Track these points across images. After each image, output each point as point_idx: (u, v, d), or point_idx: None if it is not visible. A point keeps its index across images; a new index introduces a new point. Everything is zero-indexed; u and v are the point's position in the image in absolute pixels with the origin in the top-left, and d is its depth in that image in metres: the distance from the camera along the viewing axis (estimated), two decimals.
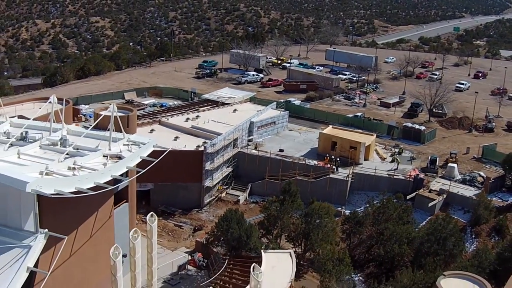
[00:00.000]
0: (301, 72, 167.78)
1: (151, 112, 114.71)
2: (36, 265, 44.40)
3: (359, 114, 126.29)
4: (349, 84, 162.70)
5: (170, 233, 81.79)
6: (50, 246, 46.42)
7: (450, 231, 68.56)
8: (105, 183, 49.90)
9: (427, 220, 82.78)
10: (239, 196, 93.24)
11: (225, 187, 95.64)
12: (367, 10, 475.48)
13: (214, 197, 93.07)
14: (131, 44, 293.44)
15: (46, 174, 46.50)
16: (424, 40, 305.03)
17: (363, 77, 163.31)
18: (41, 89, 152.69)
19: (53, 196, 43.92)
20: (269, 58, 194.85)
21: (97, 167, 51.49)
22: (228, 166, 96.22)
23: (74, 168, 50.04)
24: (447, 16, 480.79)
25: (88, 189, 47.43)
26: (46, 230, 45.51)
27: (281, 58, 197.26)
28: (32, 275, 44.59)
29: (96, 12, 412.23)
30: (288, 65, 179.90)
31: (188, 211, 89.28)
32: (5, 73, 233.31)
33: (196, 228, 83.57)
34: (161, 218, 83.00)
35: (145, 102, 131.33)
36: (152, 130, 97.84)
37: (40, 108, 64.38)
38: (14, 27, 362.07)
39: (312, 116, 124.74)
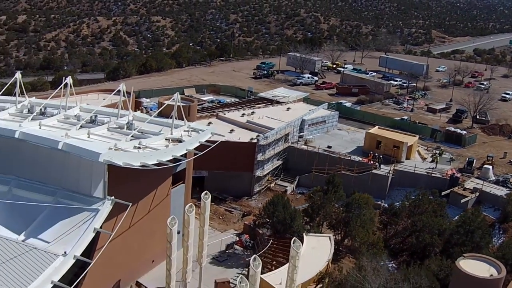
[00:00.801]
0: (354, 76, 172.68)
1: (209, 107, 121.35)
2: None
3: (405, 117, 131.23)
4: (399, 90, 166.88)
5: (220, 217, 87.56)
6: (115, 212, 52.42)
7: (478, 224, 72.90)
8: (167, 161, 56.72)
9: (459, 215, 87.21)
10: (287, 187, 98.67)
11: (275, 178, 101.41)
12: (425, 20, 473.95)
13: (263, 186, 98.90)
14: (191, 44, 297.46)
15: (115, 150, 53.34)
16: (478, 52, 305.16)
17: (413, 84, 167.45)
18: (103, 82, 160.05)
19: (122, 166, 50.68)
20: (325, 62, 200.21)
21: (159, 148, 58.33)
22: (278, 159, 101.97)
23: (139, 147, 56.72)
24: (505, 29, 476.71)
25: (152, 164, 54.21)
26: (113, 197, 52.19)
27: (336, 62, 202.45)
28: (97, 236, 50.85)
29: (157, 11, 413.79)
30: (342, 69, 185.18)
31: (239, 198, 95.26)
32: (65, 67, 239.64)
33: (245, 213, 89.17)
34: (213, 203, 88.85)
35: (204, 98, 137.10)
36: (209, 123, 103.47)
37: (104, 99, 71.41)
38: (75, 23, 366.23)
39: (361, 118, 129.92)
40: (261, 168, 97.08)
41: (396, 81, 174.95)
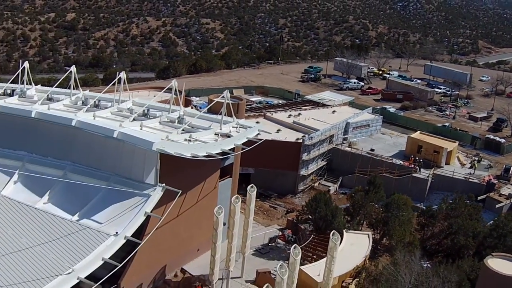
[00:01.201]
0: (399, 83, 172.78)
1: (257, 107, 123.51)
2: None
3: (447, 124, 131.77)
4: (443, 97, 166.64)
5: (265, 212, 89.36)
6: (164, 199, 54.60)
7: (510, 228, 73.70)
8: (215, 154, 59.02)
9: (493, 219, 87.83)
10: (330, 187, 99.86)
11: (319, 178, 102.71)
12: (473, 30, 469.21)
13: (307, 185, 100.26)
14: (240, 47, 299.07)
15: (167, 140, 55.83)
16: None
17: (456, 92, 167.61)
18: (154, 81, 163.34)
19: (173, 155, 53.09)
20: (371, 68, 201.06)
21: (209, 142, 60.60)
22: (323, 160, 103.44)
23: (189, 140, 59.15)
24: None
25: (201, 156, 56.54)
26: (164, 184, 54.56)
27: (382, 69, 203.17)
28: (147, 220, 53.44)
29: (206, 14, 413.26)
30: (388, 76, 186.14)
31: (283, 195, 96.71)
32: (114, 66, 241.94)
33: (289, 210, 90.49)
34: (258, 199, 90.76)
35: (252, 99, 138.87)
36: (257, 122, 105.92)
37: (155, 96, 73.94)
38: (125, 23, 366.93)
39: (405, 123, 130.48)
40: (305, 168, 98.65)
41: (440, 88, 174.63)
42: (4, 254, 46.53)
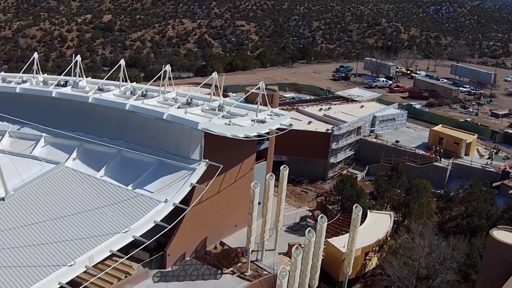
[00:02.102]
0: (426, 82, 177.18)
1: (290, 102, 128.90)
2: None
3: (468, 119, 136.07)
4: (467, 96, 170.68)
5: (296, 196, 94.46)
6: (207, 175, 59.95)
7: None
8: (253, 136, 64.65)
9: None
10: (357, 174, 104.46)
11: (347, 166, 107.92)
12: (505, 34, 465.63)
13: (336, 172, 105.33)
14: (275, 49, 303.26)
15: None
16: None
17: (480, 91, 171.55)
18: (192, 78, 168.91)
19: (216, 135, 58.90)
20: (399, 68, 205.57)
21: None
22: (351, 150, 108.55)
23: (229, 124, 64.82)
24: None
25: (241, 136, 62.22)
26: (207, 160, 60.38)
27: (410, 69, 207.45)
28: (192, 191, 58.93)
29: (241, 16, 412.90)
30: (415, 75, 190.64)
31: (314, 181, 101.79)
32: (151, 66, 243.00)
33: (319, 194, 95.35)
34: (290, 184, 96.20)
35: (286, 95, 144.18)
36: (291, 125, 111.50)
37: (194, 91, 79.52)
38: (161, 24, 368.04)
39: (429, 119, 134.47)
40: (334, 156, 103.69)
41: (465, 87, 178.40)
42: (69, 214, 52.70)
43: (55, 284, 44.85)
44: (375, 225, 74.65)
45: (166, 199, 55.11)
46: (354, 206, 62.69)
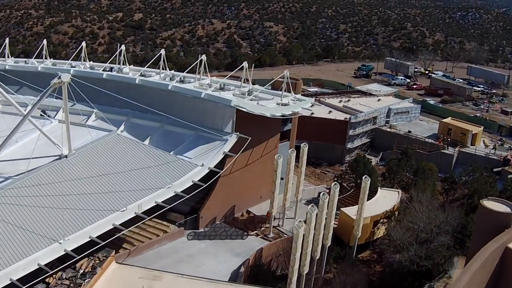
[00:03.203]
0: (441, 81, 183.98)
1: (313, 94, 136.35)
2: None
3: (478, 114, 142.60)
4: (480, 94, 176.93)
5: (316, 176, 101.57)
6: (237, 145, 67.47)
7: None
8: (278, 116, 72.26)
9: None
10: (372, 159, 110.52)
11: (363, 152, 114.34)
12: None
13: (353, 157, 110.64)
14: (302, 50, 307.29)
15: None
16: None
17: (493, 90, 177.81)
18: (223, 71, 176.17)
19: (246, 111, 66.58)
20: (418, 68, 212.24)
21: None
22: (366, 137, 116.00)
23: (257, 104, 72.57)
24: None
25: (268, 114, 69.82)
26: (238, 133, 68.11)
27: (428, 69, 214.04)
28: (224, 158, 66.33)
29: (270, 18, 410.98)
30: (432, 75, 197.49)
31: (332, 165, 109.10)
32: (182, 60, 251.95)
33: (336, 175, 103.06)
34: (311, 166, 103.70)
35: (310, 90, 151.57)
36: (312, 105, 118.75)
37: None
38: (191, 24, 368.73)
39: (442, 114, 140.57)
40: (351, 142, 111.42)
41: (479, 87, 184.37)
42: (121, 171, 60.71)
43: (109, 225, 52.76)
44: (384, 199, 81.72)
45: (203, 164, 62.84)
46: (364, 176, 70.10)
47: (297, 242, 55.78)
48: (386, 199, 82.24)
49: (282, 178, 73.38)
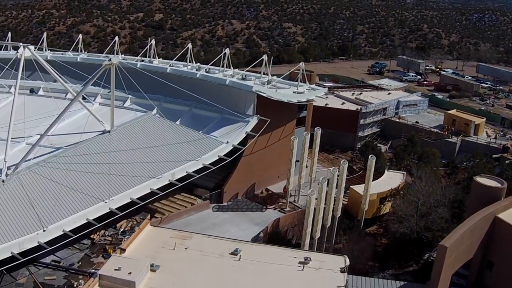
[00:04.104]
0: (450, 77, 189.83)
1: (328, 87, 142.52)
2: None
3: (482, 108, 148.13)
4: (487, 91, 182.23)
5: (329, 161, 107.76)
6: (258, 127, 74.06)
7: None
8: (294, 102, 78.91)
9: None
10: (381, 147, 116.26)
11: (373, 140, 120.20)
12: None
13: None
14: (319, 51, 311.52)
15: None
16: None
17: (500, 87, 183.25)
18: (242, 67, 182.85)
19: (266, 96, 73.29)
20: (429, 66, 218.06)
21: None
22: (377, 127, 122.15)
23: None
24: None
25: (285, 100, 76.50)
26: (258, 115, 74.71)
27: (439, 67, 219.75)
28: (246, 138, 72.97)
29: (288, 19, 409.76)
30: (443, 72, 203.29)
31: (345, 151, 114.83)
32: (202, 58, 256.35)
33: (349, 160, 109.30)
34: (325, 152, 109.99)
35: (325, 84, 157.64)
36: (327, 97, 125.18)
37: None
38: (211, 24, 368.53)
39: (449, 107, 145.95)
40: (362, 130, 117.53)
41: (487, 84, 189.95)
42: (156, 145, 67.63)
43: (147, 189, 59.76)
44: (390, 180, 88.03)
45: (227, 141, 69.73)
46: (370, 156, 76.56)
47: (309, 208, 62.38)
48: (392, 179, 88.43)
49: (297, 160, 79.81)
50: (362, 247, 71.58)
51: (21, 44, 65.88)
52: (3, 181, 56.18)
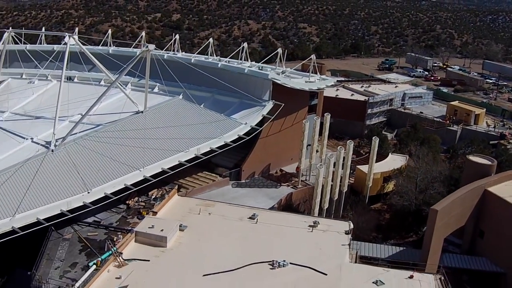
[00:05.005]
0: (456, 73, 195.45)
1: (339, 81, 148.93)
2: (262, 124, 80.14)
3: (484, 100, 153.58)
4: (491, 86, 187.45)
5: (339, 147, 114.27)
6: (273, 111, 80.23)
7: (506, 157, 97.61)
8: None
9: None
10: (388, 135, 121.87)
11: (380, 128, 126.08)
12: None
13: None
14: (332, 48, 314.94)
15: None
16: None
17: (505, 83, 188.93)
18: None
19: (280, 84, 79.95)
20: (437, 63, 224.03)
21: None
22: (383, 116, 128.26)
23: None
24: None
25: (298, 88, 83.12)
26: (273, 100, 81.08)
27: (446, 63, 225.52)
28: (263, 120, 78.78)
29: (303, 19, 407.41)
30: (449, 68, 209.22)
31: (353, 138, 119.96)
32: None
33: (356, 145, 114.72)
34: (334, 139, 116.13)
35: (336, 79, 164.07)
36: (337, 89, 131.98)
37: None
38: (227, 24, 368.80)
39: (453, 100, 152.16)
40: (369, 119, 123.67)
41: (491, 80, 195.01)
42: (183, 125, 74.92)
43: (175, 161, 67.03)
44: (393, 161, 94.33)
45: (246, 122, 76.51)
46: (373, 137, 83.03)
47: (318, 179, 69.05)
48: (395, 161, 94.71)
49: (309, 144, 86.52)
50: (366, 219, 78.17)
51: (66, 34, 72.71)
52: (52, 150, 63.48)
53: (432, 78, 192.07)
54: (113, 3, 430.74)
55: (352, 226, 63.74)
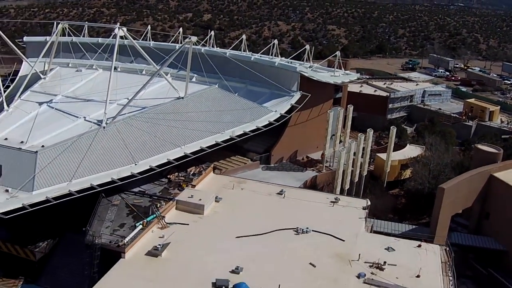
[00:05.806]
0: (476, 74, 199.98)
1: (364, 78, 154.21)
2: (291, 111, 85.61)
3: (501, 99, 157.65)
4: (509, 86, 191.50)
5: (360, 133, 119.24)
6: (301, 100, 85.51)
7: None
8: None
9: None
10: (408, 129, 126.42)
11: (401, 122, 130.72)
12: None
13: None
14: (359, 49, 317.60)
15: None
16: None
17: None
18: None
19: (307, 76, 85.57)
20: (458, 64, 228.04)
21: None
22: (404, 112, 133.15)
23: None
24: None
25: (323, 80, 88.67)
26: (301, 91, 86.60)
27: (467, 65, 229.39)
28: (291, 108, 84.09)
29: (333, 22, 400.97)
30: (470, 70, 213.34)
31: (375, 131, 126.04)
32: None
33: (377, 137, 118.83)
34: (357, 132, 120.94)
35: (362, 77, 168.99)
36: (361, 85, 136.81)
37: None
38: (258, 25, 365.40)
39: (471, 98, 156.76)
40: (390, 114, 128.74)
41: (510, 80, 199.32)
42: (219, 110, 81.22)
43: (212, 141, 73.33)
44: (410, 151, 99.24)
45: (276, 110, 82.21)
46: (391, 126, 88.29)
47: (339, 162, 74.68)
48: (412, 151, 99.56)
49: (333, 135, 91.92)
50: (384, 201, 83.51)
51: (116, 25, 78.98)
52: (103, 127, 70.16)
53: (453, 78, 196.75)
54: (143, 2, 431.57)
55: (369, 203, 69.08)
